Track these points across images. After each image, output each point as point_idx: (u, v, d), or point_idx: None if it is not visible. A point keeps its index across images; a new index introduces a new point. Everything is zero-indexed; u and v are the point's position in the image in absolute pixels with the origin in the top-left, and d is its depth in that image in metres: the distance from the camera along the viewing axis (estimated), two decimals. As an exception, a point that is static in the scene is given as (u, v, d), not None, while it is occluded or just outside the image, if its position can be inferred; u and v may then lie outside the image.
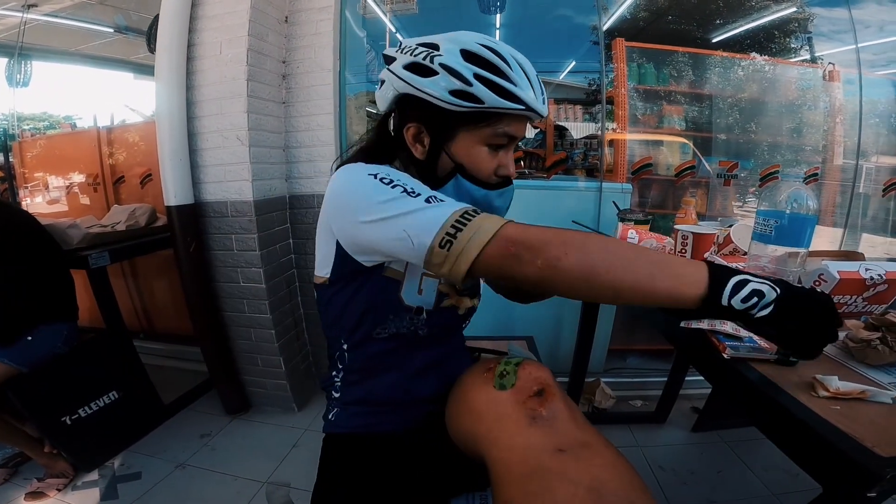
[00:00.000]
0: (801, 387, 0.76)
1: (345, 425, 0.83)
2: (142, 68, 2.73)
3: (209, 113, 1.74)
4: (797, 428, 0.67)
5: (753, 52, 2.41)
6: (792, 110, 2.36)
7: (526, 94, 0.67)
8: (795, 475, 1.52)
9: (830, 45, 2.48)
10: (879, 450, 0.58)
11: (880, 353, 0.84)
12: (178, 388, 2.03)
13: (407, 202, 0.59)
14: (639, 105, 2.20)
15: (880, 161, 2.39)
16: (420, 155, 0.74)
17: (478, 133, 0.70)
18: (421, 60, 0.68)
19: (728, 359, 0.86)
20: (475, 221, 0.56)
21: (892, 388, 0.75)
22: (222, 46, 1.70)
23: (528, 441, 0.52)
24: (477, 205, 0.68)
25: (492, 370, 0.60)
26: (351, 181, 0.66)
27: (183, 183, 1.75)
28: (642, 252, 0.56)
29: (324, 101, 1.85)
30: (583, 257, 0.53)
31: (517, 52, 0.71)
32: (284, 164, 1.94)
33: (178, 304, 2.39)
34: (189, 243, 1.78)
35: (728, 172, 2.14)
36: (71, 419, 1.53)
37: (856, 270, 1.05)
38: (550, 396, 0.56)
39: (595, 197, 1.94)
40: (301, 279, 2.04)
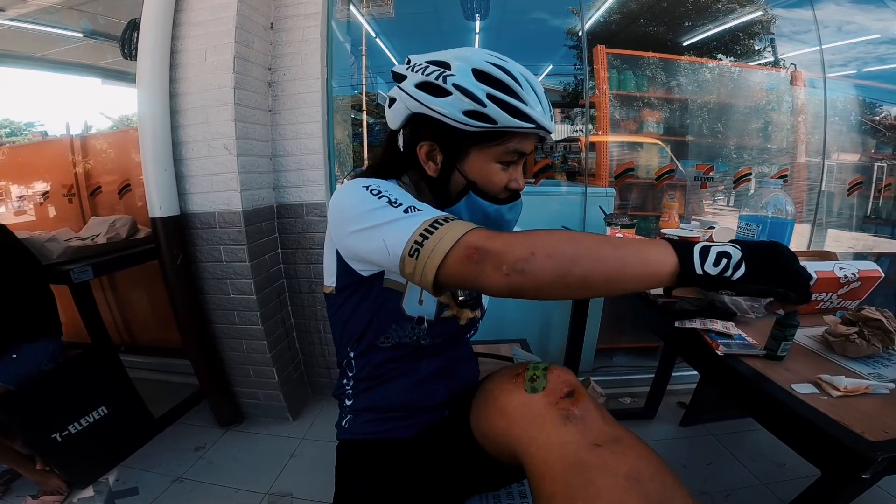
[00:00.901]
0: (790, 378, 0.82)
1: (359, 432, 0.85)
2: (109, 73, 2.64)
3: (194, 121, 1.71)
4: (791, 418, 0.72)
5: (723, 56, 2.51)
6: (761, 113, 2.47)
7: (536, 112, 0.69)
8: (782, 465, 1.60)
9: (796, 46, 2.58)
10: (869, 435, 0.63)
11: (858, 347, 0.90)
12: (166, 401, 1.99)
13: (387, 212, 0.61)
14: (619, 110, 2.27)
15: (844, 160, 2.53)
16: (433, 172, 0.76)
17: (490, 151, 0.72)
18: (434, 80, 0.69)
19: (722, 356, 0.91)
20: (441, 230, 0.57)
21: (871, 378, 0.81)
22: (207, 53, 1.67)
23: (565, 438, 0.55)
24: (489, 220, 0.74)
25: (521, 376, 0.63)
26: (346, 192, 0.69)
27: (168, 194, 1.71)
28: (607, 242, 0.57)
29: (311, 109, 1.84)
30: (550, 258, 0.53)
31: (525, 70, 0.72)
32: (272, 172, 1.92)
33: (161, 316, 2.35)
34: (176, 256, 1.75)
35: (704, 175, 2.24)
36: (61, 436, 1.50)
37: (831, 270, 1.13)
38: (580, 397, 0.59)
39: (581, 201, 2.00)
40: (290, 289, 2.02)
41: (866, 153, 2.58)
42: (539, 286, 0.53)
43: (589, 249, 0.54)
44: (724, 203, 2.66)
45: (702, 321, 1.01)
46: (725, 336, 0.96)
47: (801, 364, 0.89)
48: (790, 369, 0.86)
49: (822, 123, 2.34)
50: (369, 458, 0.81)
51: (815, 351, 0.95)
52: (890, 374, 0.84)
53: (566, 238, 0.55)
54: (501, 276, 0.53)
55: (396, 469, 0.78)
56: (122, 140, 2.44)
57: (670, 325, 1.06)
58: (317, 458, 1.72)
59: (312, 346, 2.08)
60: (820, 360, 0.91)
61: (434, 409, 0.85)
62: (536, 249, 0.53)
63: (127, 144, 2.41)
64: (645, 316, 1.21)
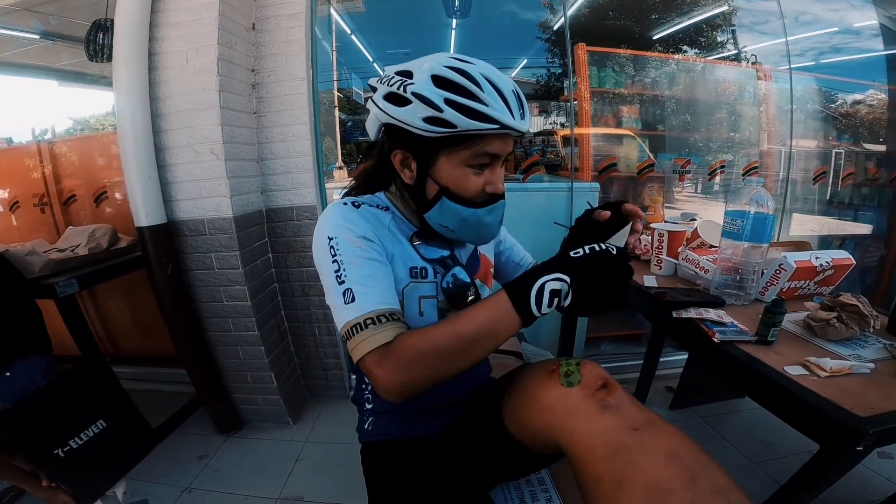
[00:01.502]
0: (781, 361, 0.89)
1: (384, 433, 0.89)
2: (67, 76, 2.53)
3: (178, 126, 1.67)
4: (789, 398, 0.79)
5: (688, 49, 2.61)
6: (729, 106, 2.59)
7: (498, 113, 0.69)
8: (768, 444, 1.71)
9: (757, 38, 2.69)
10: (858, 411, 0.71)
11: (838, 330, 0.99)
12: (160, 411, 1.96)
13: (332, 286, 0.71)
14: (599, 106, 2.34)
15: (805, 146, 2.68)
16: (409, 180, 0.78)
17: (457, 156, 0.73)
18: (396, 90, 0.71)
19: (718, 343, 0.98)
20: (355, 339, 0.67)
21: (851, 359, 0.89)
22: (189, 55, 1.63)
23: (605, 426, 0.59)
24: (466, 224, 0.77)
25: (555, 372, 0.67)
26: (317, 235, 0.75)
27: (154, 202, 1.67)
28: (465, 339, 0.64)
29: (298, 111, 1.82)
30: (425, 378, 0.65)
31: (492, 70, 0.72)
32: (259, 176, 1.90)
33: (146, 326, 2.30)
34: (166, 265, 1.72)
35: (682, 168, 2.34)
36: (63, 451, 1.47)
37: (808, 259, 1.22)
38: (613, 388, 0.64)
39: (567, 196, 2.06)
40: (283, 293, 2.02)
41: (826, 141, 2.74)
42: (419, 391, 0.67)
43: (452, 355, 0.65)
44: (692, 191, 2.78)
45: (697, 311, 1.08)
46: (720, 324, 1.03)
47: (789, 347, 0.97)
48: (780, 353, 0.94)
49: (786, 114, 2.47)
50: (399, 457, 0.85)
51: (800, 335, 1.03)
52: (868, 354, 0.92)
53: (435, 352, 0.64)
54: (386, 393, 0.66)
55: (427, 465, 0.82)
56: (94, 145, 2.35)
57: (666, 315, 1.13)
58: (322, 460, 1.74)
59: (307, 349, 2.08)
60: (805, 344, 0.99)
61: (455, 407, 0.89)
62: (412, 375, 0.65)
63: (100, 150, 2.32)
64: (643, 308, 1.28)
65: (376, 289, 0.70)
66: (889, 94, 2.67)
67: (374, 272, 0.72)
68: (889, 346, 0.93)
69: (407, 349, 0.65)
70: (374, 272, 0.72)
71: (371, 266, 0.72)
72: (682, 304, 1.12)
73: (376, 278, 0.71)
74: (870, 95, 2.81)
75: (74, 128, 2.48)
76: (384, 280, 0.72)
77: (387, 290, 0.72)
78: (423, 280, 0.81)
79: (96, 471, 1.59)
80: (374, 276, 0.71)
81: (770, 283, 1.23)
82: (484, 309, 0.66)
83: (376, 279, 0.71)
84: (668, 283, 1.36)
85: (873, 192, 2.83)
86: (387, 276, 0.73)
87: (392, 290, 0.73)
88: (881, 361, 0.88)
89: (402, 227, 0.83)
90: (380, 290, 0.70)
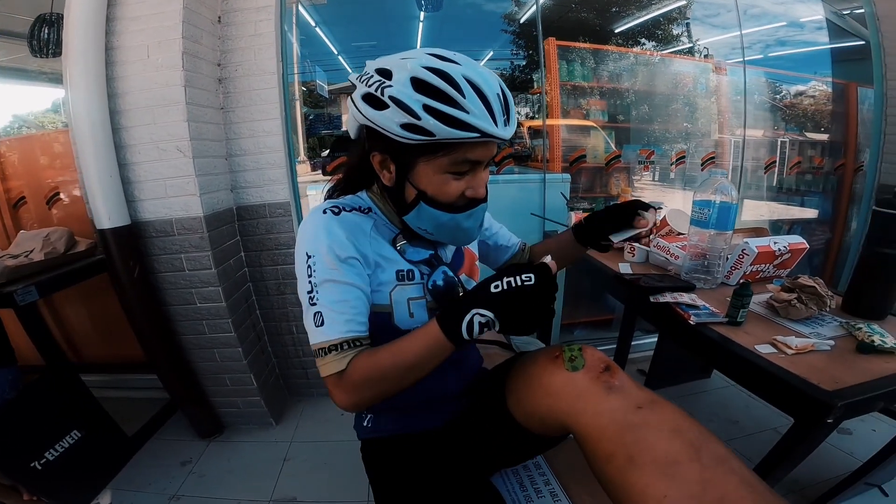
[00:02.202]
0: (751, 340, 0.96)
1: (386, 429, 0.90)
2: (4, 72, 2.37)
3: (139, 123, 1.60)
4: (763, 375, 0.86)
5: (645, 41, 2.70)
6: (688, 100, 2.70)
7: (480, 121, 0.66)
8: (735, 422, 1.81)
9: (709, 31, 2.80)
10: (825, 385, 0.77)
11: (798, 310, 1.07)
12: (134, 418, 1.89)
13: (306, 304, 0.73)
14: (567, 99, 2.40)
15: (753, 135, 2.82)
16: (388, 182, 0.78)
17: (436, 162, 0.70)
18: (374, 92, 0.69)
19: (694, 325, 1.04)
20: (321, 361, 0.72)
21: (812, 337, 0.97)
22: (150, 50, 1.55)
23: (612, 406, 0.63)
24: (444, 229, 0.78)
25: (559, 357, 0.70)
26: (297, 247, 0.76)
27: (116, 202, 1.60)
28: (403, 364, 0.69)
29: (268, 106, 1.78)
30: (374, 398, 0.72)
31: (476, 70, 0.68)
32: (228, 173, 1.84)
33: (109, 332, 2.20)
34: (132, 268, 1.65)
35: (647, 159, 2.44)
36: (41, 464, 1.41)
37: (768, 244, 1.31)
38: (615, 370, 0.68)
39: (539, 187, 2.11)
40: (258, 292, 1.97)
41: (774, 131, 2.90)
42: (373, 404, 0.74)
43: (396, 380, 0.70)
44: (649, 179, 2.89)
45: (672, 295, 1.14)
46: (694, 307, 1.09)
47: (756, 327, 1.04)
48: (749, 332, 1.01)
49: (739, 106, 2.60)
50: (403, 453, 0.86)
51: (765, 316, 1.11)
52: (827, 332, 1.01)
53: (381, 377, 0.70)
54: (343, 408, 0.73)
55: (432, 458, 0.84)
56: (41, 144, 2.21)
57: (642, 299, 1.19)
58: (311, 459, 1.72)
59: (285, 348, 2.05)
60: (769, 324, 1.06)
61: (454, 399, 0.91)
62: (362, 397, 0.71)
63: (46, 149, 2.19)
64: (619, 293, 1.33)
65: (344, 315, 0.72)
66: (833, 87, 2.86)
67: (345, 297, 0.73)
68: (845, 324, 1.02)
69: (356, 375, 0.70)
70: (344, 297, 0.73)
71: (342, 291, 0.73)
72: (657, 289, 1.18)
73: (346, 303, 0.73)
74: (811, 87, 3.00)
75: (12, 126, 2.32)
76: (354, 305, 0.73)
77: (354, 317, 0.73)
78: (410, 282, 0.81)
79: (76, 482, 1.53)
80: (344, 302, 0.72)
81: (734, 267, 1.31)
82: (421, 339, 0.68)
83: (346, 304, 0.72)
84: (641, 269, 1.43)
85: (818, 179, 3.03)
86: (357, 300, 0.74)
87: (361, 314, 0.75)
88: (839, 338, 0.96)
89: (384, 231, 0.83)
90: (347, 318, 0.72)
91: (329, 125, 2.69)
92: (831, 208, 3.00)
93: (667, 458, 0.56)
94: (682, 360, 1.98)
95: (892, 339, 0.91)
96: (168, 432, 1.92)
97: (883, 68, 2.36)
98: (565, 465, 0.95)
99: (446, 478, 0.81)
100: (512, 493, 0.88)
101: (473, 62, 0.70)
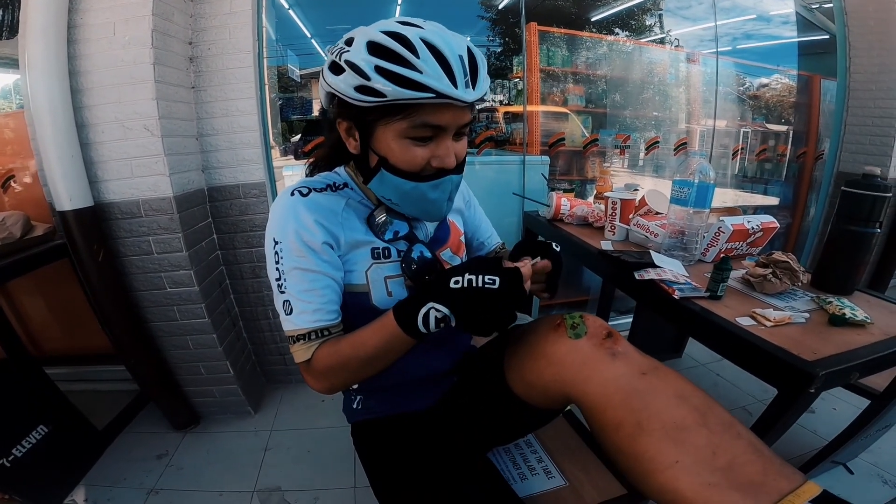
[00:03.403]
0: (732, 314, 0.99)
1: (374, 411, 0.88)
2: None
3: (103, 101, 1.51)
4: (745, 346, 0.88)
5: (619, 31, 2.74)
6: (663, 88, 2.76)
7: (434, 81, 0.62)
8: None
9: (685, 24, 2.87)
10: (804, 356, 0.80)
11: (773, 284, 1.10)
12: (103, 411, 1.81)
13: (275, 292, 0.74)
14: (547, 85, 2.41)
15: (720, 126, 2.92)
16: (354, 150, 0.76)
17: (394, 126, 0.68)
18: (335, 58, 0.68)
19: (678, 299, 1.07)
20: (294, 347, 0.73)
21: (788, 311, 1.01)
22: (116, 27, 1.48)
23: (617, 372, 0.63)
24: (408, 198, 0.74)
25: (560, 326, 0.70)
26: (267, 232, 0.75)
27: (78, 183, 1.51)
28: (363, 356, 0.69)
29: (243, 85, 1.71)
30: (343, 383, 0.76)
31: (437, 33, 0.65)
32: (199, 153, 1.77)
33: (74, 321, 2.09)
34: (96, 252, 1.57)
35: (623, 143, 2.48)
36: (9, 461, 1.35)
37: (742, 223, 1.35)
38: (617, 336, 0.68)
39: (519, 169, 2.13)
40: (231, 276, 1.91)
41: (742, 121, 3.01)
42: (344, 389, 0.81)
43: (358, 369, 0.71)
44: (619, 166, 2.96)
45: (656, 272, 1.16)
46: (677, 282, 1.12)
47: (735, 301, 1.07)
48: (729, 306, 1.04)
49: (710, 95, 2.67)
50: (395, 434, 0.85)
51: (741, 290, 1.15)
52: (800, 305, 1.05)
53: (342, 367, 0.71)
54: (316, 391, 0.75)
55: (426, 437, 0.83)
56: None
57: (627, 276, 1.20)
58: (294, 447, 1.70)
59: (262, 334, 2.00)
60: (747, 298, 1.10)
61: (442, 378, 0.90)
62: (331, 383, 0.74)
63: (1, 134, 2.04)
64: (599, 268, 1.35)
65: (311, 305, 0.71)
66: (798, 79, 2.97)
67: (313, 286, 0.72)
68: (816, 298, 1.06)
69: (320, 365, 0.71)
70: (312, 286, 0.72)
71: (310, 280, 0.72)
72: (640, 265, 1.21)
73: (314, 293, 0.72)
74: (774, 80, 3.11)
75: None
76: (323, 293, 0.72)
77: (323, 305, 0.72)
78: (387, 260, 0.79)
79: (47, 479, 1.47)
80: (311, 291, 0.72)
81: (711, 245, 1.35)
82: (378, 331, 0.68)
83: (313, 294, 0.72)
84: (621, 247, 1.46)
85: (781, 166, 3.17)
86: (326, 288, 0.73)
87: (331, 301, 0.73)
88: (812, 311, 1.00)
89: (358, 208, 0.80)
90: (314, 307, 0.71)
91: (300, 110, 2.63)
92: (792, 194, 3.13)
93: (675, 423, 0.57)
94: (655, 340, 2.04)
95: (861, 312, 0.95)
96: (141, 425, 1.86)
97: (847, 61, 2.46)
98: (557, 442, 0.96)
99: (442, 456, 0.80)
100: (506, 472, 0.89)
101: (441, 28, 0.68)
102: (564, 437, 1.00)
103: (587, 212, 1.65)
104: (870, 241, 1.08)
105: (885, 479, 1.47)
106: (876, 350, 0.83)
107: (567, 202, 1.69)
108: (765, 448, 0.56)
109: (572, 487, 0.87)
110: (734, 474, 0.53)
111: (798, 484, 0.52)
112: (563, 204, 1.68)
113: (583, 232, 1.61)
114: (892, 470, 1.50)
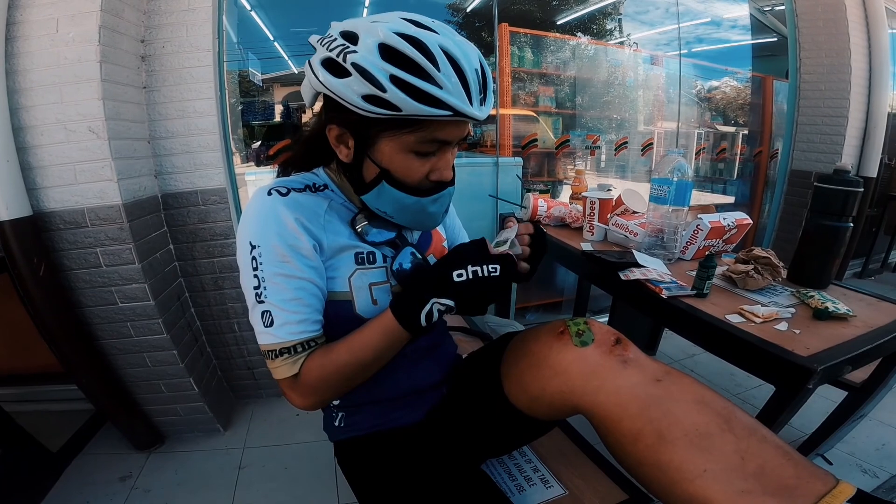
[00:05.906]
0: (720, 311, 0.99)
1: (359, 428, 0.82)
2: None
3: (43, 102, 1.38)
4: (738, 344, 0.87)
5: (581, 34, 2.78)
6: (628, 89, 2.82)
7: (453, 98, 0.58)
8: None
9: (643, 28, 2.95)
10: (798, 352, 0.80)
11: (755, 280, 1.11)
12: (56, 433, 1.67)
13: (251, 302, 0.67)
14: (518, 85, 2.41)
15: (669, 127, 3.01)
16: (345, 158, 0.69)
17: (400, 140, 0.62)
18: (335, 57, 0.60)
19: (666, 298, 1.06)
20: (272, 364, 0.67)
21: (771, 306, 1.01)
22: (59, 24, 1.36)
23: (630, 381, 0.59)
24: (408, 211, 0.70)
25: (564, 333, 0.65)
26: (240, 236, 0.67)
27: (15, 191, 1.37)
28: (361, 359, 0.67)
29: (202, 85, 1.60)
30: (334, 395, 0.73)
31: (455, 41, 0.60)
32: (152, 157, 1.64)
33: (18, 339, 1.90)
34: (37, 266, 1.42)
35: (593, 144, 2.51)
36: None
37: (719, 220, 1.37)
38: (626, 342, 0.65)
39: (493, 171, 2.11)
40: (191, 288, 1.79)
41: (701, 121, 3.11)
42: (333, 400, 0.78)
43: (354, 375, 0.68)
44: (583, 166, 3.00)
45: (641, 271, 1.15)
46: (663, 282, 1.11)
47: (721, 298, 1.07)
48: (716, 303, 1.04)
49: (674, 97, 2.74)
50: (383, 451, 0.79)
51: (725, 287, 1.15)
52: (782, 300, 1.06)
53: (338, 375, 0.67)
54: (303, 409, 0.70)
55: (415, 453, 0.77)
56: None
57: (612, 277, 1.19)
58: (269, 464, 1.60)
59: (227, 348, 1.88)
60: (731, 295, 1.10)
61: (433, 390, 0.85)
62: (321, 396, 0.69)
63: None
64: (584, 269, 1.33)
65: (297, 315, 0.66)
66: (752, 80, 3.10)
67: (298, 294, 0.66)
68: (797, 293, 1.08)
69: (311, 378, 0.66)
70: (297, 294, 0.66)
71: (294, 288, 0.66)
72: (624, 265, 1.19)
73: (299, 302, 0.66)
74: (724, 82, 3.25)
75: None
76: (308, 302, 0.67)
77: (309, 315, 0.67)
78: (372, 266, 0.73)
79: (6, 503, 1.34)
80: (296, 301, 0.66)
81: (690, 242, 1.36)
82: (377, 331, 0.66)
83: (299, 303, 0.66)
84: (601, 247, 1.45)
85: (738, 165, 3.29)
86: (311, 296, 0.67)
87: (316, 311, 0.68)
88: (795, 306, 1.01)
89: (341, 211, 0.74)
90: (300, 318, 0.66)
91: (262, 115, 2.51)
92: (749, 192, 3.26)
93: (698, 430, 0.54)
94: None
95: (843, 305, 0.97)
96: (99, 446, 1.71)
97: (798, 62, 2.57)
98: (552, 450, 0.93)
99: (436, 471, 0.75)
100: (502, 484, 0.85)
101: (453, 32, 0.61)
102: (557, 443, 0.97)
103: (565, 212, 1.64)
104: (844, 234, 1.11)
105: (865, 469, 1.51)
106: (863, 343, 0.84)
107: (544, 203, 1.67)
108: (792, 450, 0.54)
109: (573, 496, 0.84)
110: (766, 479, 0.51)
111: (833, 485, 0.50)
112: (541, 205, 1.66)
113: (561, 233, 1.59)
114: (870, 459, 1.54)
